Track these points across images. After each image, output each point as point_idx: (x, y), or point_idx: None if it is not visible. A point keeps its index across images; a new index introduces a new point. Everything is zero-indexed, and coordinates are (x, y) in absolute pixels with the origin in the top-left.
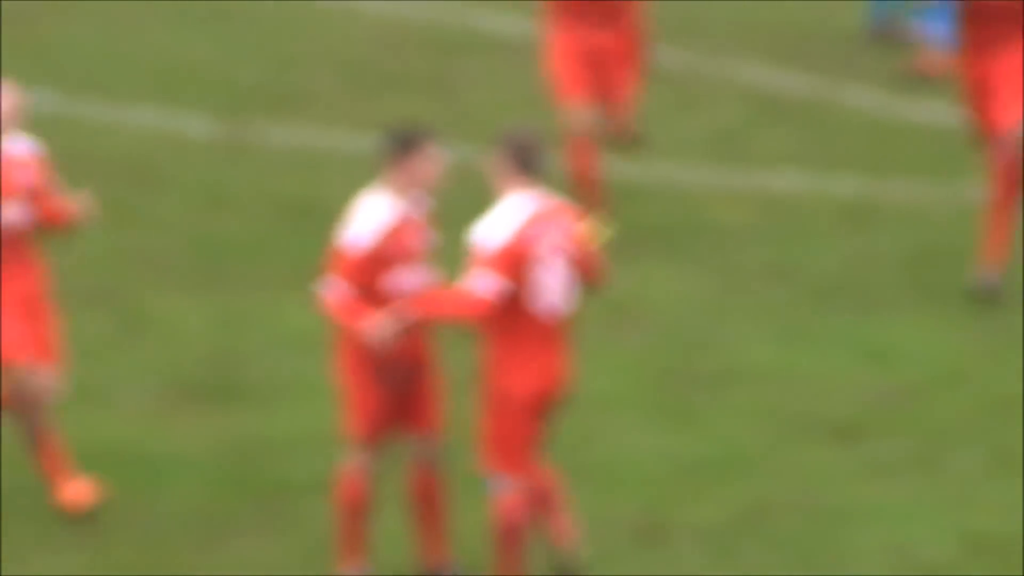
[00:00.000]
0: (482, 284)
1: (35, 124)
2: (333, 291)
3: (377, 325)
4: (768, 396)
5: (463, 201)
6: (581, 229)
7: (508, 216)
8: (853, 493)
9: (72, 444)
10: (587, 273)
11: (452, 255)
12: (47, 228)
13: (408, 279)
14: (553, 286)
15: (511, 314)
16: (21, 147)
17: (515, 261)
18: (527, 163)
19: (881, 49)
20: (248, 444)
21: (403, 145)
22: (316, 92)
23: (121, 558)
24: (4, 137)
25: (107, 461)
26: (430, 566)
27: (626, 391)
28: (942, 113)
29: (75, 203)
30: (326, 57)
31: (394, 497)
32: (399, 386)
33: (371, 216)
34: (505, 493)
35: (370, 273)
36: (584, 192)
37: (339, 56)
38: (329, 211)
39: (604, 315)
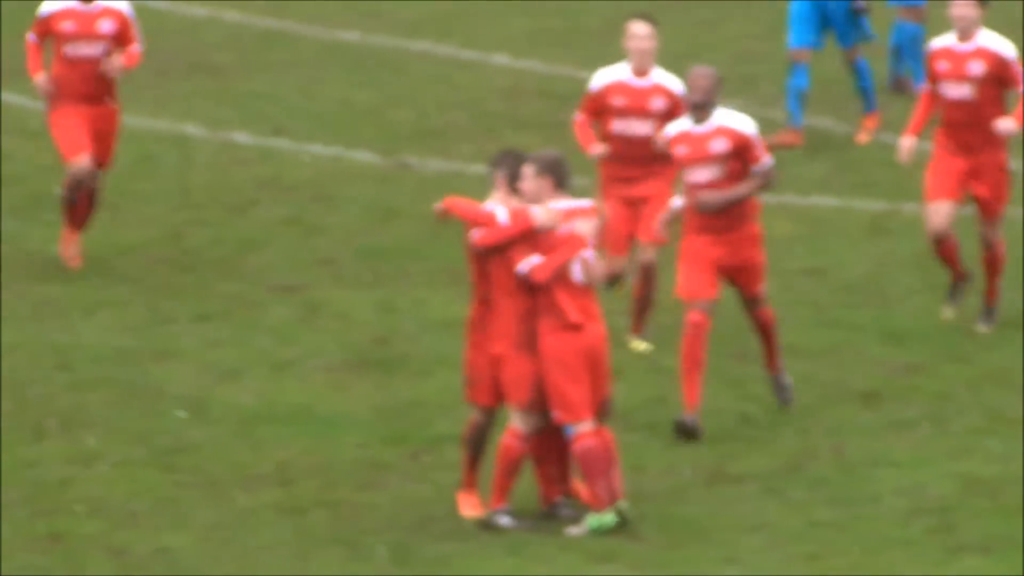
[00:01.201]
0: (501, 214)
1: (237, 157)
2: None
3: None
4: (808, 368)
5: None
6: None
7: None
8: (875, 445)
9: (268, 406)
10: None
11: None
12: None
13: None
14: (576, 261)
15: (555, 287)
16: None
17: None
18: (561, 181)
19: (896, 98)
20: (403, 406)
21: None
22: (456, 131)
23: (304, 494)
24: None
25: (294, 418)
26: (549, 502)
27: None
28: None
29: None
30: (463, 103)
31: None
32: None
33: None
34: (578, 435)
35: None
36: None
37: (474, 102)
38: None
39: (677, 307)
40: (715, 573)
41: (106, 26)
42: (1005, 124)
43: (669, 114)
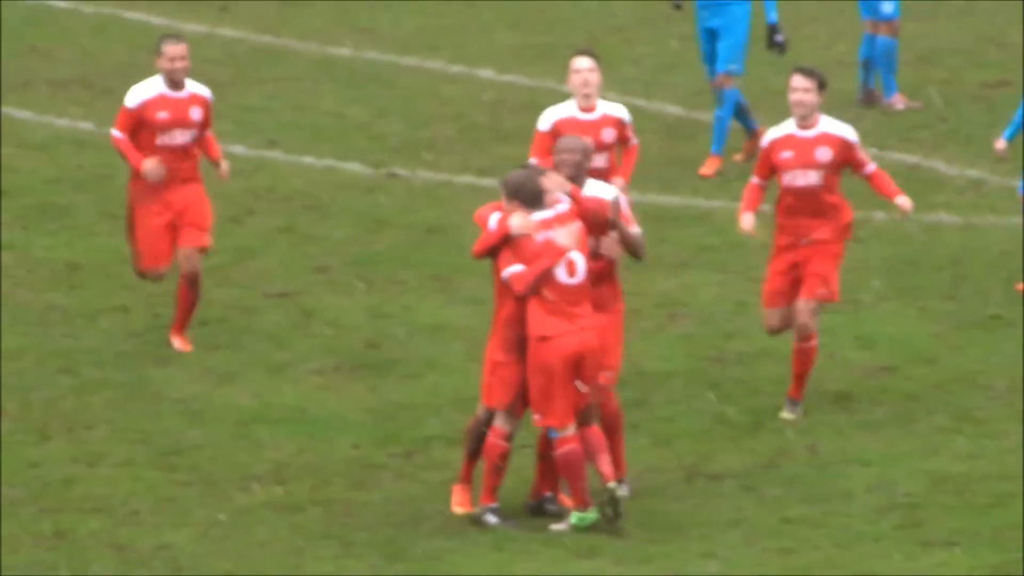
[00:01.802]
0: (492, 221)
1: (233, 169)
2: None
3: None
4: (782, 371)
5: None
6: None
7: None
8: (847, 444)
9: (264, 408)
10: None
11: None
12: None
13: None
14: (562, 266)
15: (534, 299)
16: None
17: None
18: (529, 202)
19: (866, 111)
20: (394, 408)
21: None
22: (443, 142)
23: (298, 492)
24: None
25: (288, 420)
26: (538, 495)
27: (676, 368)
28: (912, 159)
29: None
30: (451, 116)
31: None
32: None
33: None
34: (560, 440)
35: None
36: None
37: (460, 115)
38: (456, 232)
39: (659, 311)
40: (694, 567)
41: (196, 114)
42: (906, 201)
43: (621, 141)
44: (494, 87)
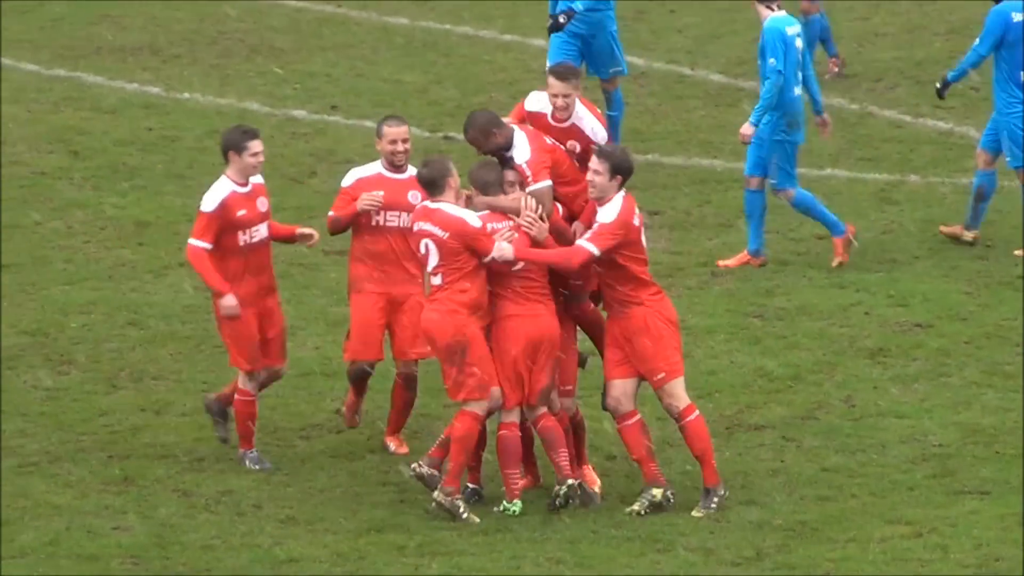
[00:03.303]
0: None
1: (296, 132)
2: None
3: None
4: (821, 327)
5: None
6: None
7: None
8: (882, 397)
9: (323, 361)
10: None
11: None
12: None
13: None
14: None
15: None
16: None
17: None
18: (482, 189)
19: (900, 80)
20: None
21: None
22: (496, 107)
23: (357, 441)
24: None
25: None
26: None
27: (718, 323)
28: (945, 126)
29: None
30: (503, 82)
31: None
32: None
33: None
34: (500, 424)
35: None
36: None
37: (512, 82)
38: None
39: (702, 269)
40: (735, 514)
41: (417, 199)
42: None
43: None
44: (544, 55)
